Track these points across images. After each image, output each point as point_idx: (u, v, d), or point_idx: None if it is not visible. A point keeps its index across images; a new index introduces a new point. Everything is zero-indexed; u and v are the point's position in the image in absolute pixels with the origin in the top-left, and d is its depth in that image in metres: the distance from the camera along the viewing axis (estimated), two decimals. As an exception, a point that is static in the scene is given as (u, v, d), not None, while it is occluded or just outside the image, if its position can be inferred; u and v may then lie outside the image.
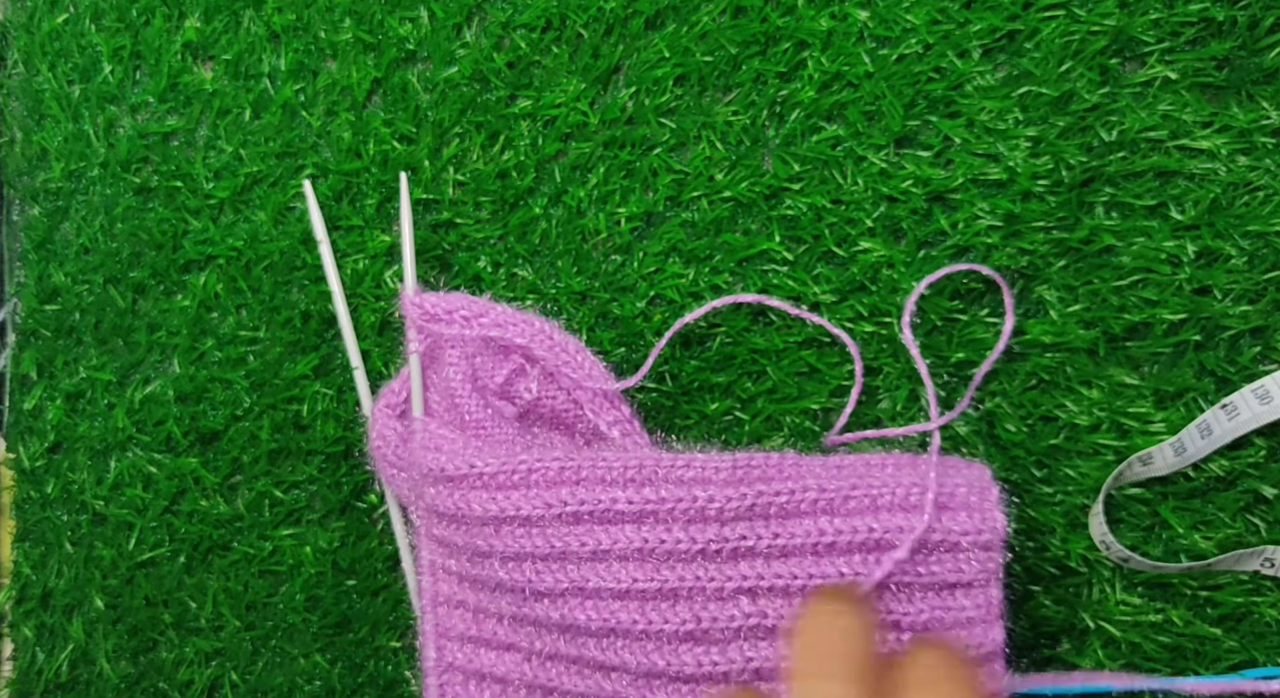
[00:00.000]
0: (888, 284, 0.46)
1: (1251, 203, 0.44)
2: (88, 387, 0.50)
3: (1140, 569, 0.44)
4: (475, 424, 0.45)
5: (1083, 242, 0.45)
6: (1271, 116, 0.44)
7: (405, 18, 0.48)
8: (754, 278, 0.46)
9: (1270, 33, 0.44)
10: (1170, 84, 0.45)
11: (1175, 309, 0.44)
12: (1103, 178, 0.45)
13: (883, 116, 0.46)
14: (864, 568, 0.41)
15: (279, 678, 0.49)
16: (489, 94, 0.48)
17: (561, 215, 0.47)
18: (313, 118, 0.48)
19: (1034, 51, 0.45)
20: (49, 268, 0.50)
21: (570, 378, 0.45)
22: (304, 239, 0.49)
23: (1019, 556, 0.45)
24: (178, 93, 0.49)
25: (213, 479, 0.49)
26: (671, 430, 0.47)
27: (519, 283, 0.48)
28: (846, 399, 0.46)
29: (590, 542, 0.41)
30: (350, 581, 0.49)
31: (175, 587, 0.49)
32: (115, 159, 0.49)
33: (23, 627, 0.50)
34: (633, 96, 0.47)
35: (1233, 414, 0.42)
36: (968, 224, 0.45)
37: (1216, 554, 0.44)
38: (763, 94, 0.46)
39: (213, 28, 0.49)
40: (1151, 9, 0.45)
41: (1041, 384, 0.45)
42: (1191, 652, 0.45)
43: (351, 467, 0.49)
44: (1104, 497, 0.45)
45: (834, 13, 0.46)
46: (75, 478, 0.50)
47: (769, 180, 0.46)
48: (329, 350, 0.49)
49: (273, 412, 0.49)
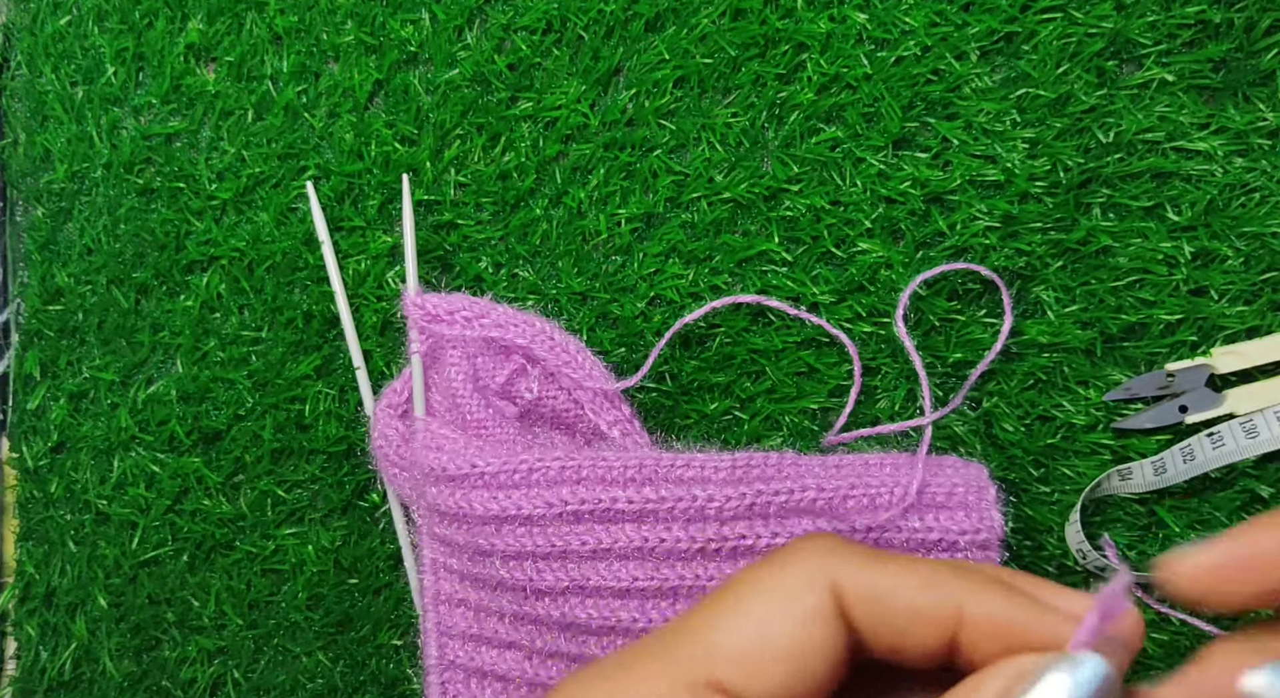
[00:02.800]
0: (886, 285, 0.46)
1: (1248, 204, 0.44)
2: (91, 387, 0.50)
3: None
4: (476, 424, 0.45)
5: (1080, 242, 0.45)
6: (1268, 118, 0.44)
7: (407, 20, 0.48)
8: (753, 278, 0.47)
9: (1267, 35, 0.44)
10: (1167, 86, 0.45)
11: (1172, 310, 0.45)
12: (1100, 179, 0.45)
13: (881, 118, 0.46)
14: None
15: (281, 676, 0.49)
16: (490, 96, 0.48)
17: (562, 216, 0.48)
18: (315, 119, 0.49)
19: (1031, 54, 0.45)
20: (52, 268, 0.50)
21: (571, 378, 0.45)
22: (306, 240, 0.49)
23: (1016, 554, 0.45)
24: (181, 94, 0.49)
25: (215, 479, 0.49)
26: (671, 430, 0.47)
27: (520, 284, 0.48)
28: (845, 399, 0.46)
29: (591, 541, 0.41)
30: (352, 579, 0.49)
31: (178, 586, 0.50)
32: (118, 160, 0.50)
33: (26, 625, 0.50)
34: (633, 98, 0.47)
35: (1218, 444, 0.43)
36: (965, 225, 0.46)
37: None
38: (762, 96, 0.47)
39: (215, 30, 0.49)
40: (1148, 11, 0.45)
41: (1039, 384, 0.46)
42: (1189, 650, 0.45)
43: (354, 466, 0.49)
44: (1080, 506, 0.45)
45: (833, 15, 0.46)
46: (78, 477, 0.50)
47: (768, 182, 0.47)
48: (331, 351, 0.49)
49: (275, 411, 0.49)
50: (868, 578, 0.21)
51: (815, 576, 0.21)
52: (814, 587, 0.21)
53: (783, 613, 0.21)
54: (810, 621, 0.21)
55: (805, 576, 0.21)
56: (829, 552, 0.22)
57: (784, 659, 0.21)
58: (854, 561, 0.22)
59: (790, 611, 0.21)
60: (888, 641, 0.22)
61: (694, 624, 0.22)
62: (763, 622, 0.21)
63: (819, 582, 0.21)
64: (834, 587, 0.21)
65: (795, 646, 0.21)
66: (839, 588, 0.21)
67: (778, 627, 0.21)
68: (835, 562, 0.22)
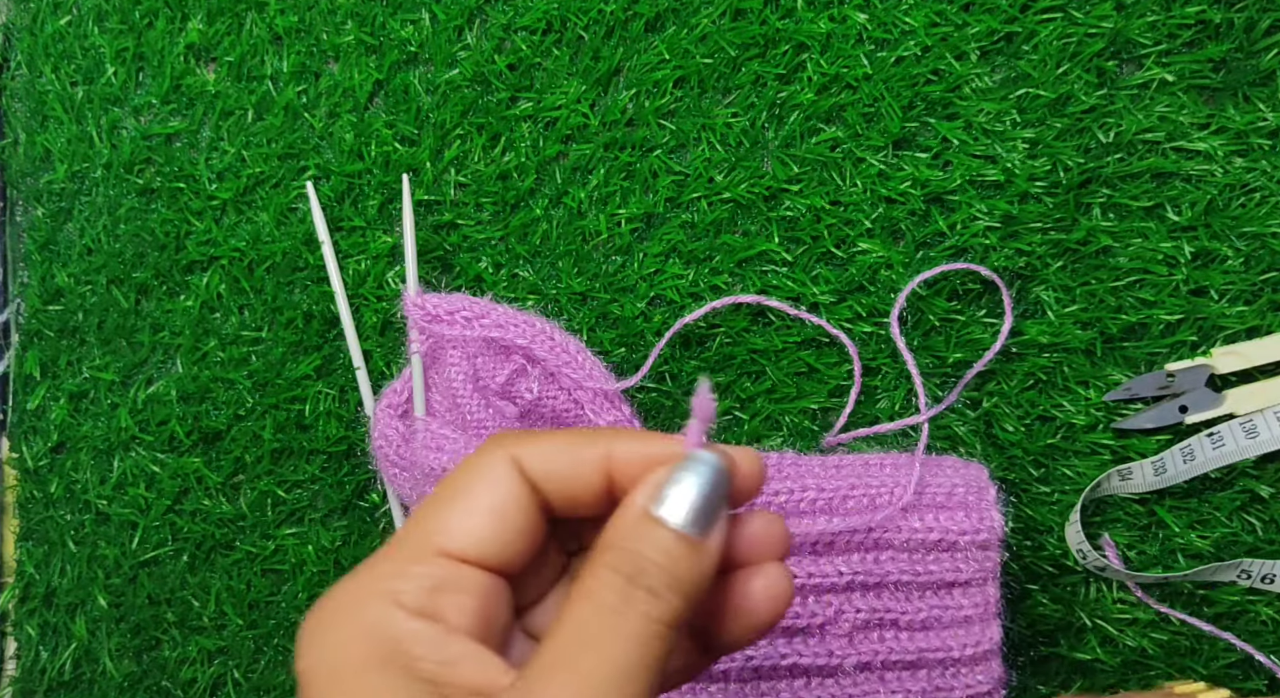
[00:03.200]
0: (886, 285, 0.46)
1: (1248, 204, 0.44)
2: (91, 387, 0.50)
3: (1116, 579, 0.44)
4: (477, 424, 0.45)
5: (1080, 242, 0.45)
6: (1268, 118, 0.44)
7: (407, 20, 0.48)
8: (753, 279, 0.47)
9: (1266, 35, 0.44)
10: (1167, 86, 0.45)
11: (1172, 310, 0.45)
12: (1100, 179, 0.45)
13: (881, 118, 0.46)
14: (863, 567, 0.41)
15: (281, 676, 0.49)
16: (490, 96, 0.48)
17: (562, 217, 0.48)
18: (315, 120, 0.49)
19: (1031, 54, 0.45)
20: (52, 269, 0.50)
21: (571, 378, 0.45)
22: (306, 240, 0.49)
23: (1016, 554, 0.45)
24: (181, 94, 0.49)
25: (215, 479, 0.49)
26: (671, 430, 0.47)
27: (520, 284, 0.48)
28: (845, 399, 0.46)
29: (591, 541, 0.41)
30: (352, 579, 0.49)
31: (178, 586, 0.50)
32: (118, 160, 0.50)
33: (26, 625, 0.50)
34: (633, 98, 0.47)
35: (1218, 444, 0.43)
36: (965, 225, 0.46)
37: (1213, 553, 0.44)
38: (762, 96, 0.47)
39: (215, 30, 0.49)
40: (1148, 11, 0.45)
41: (1039, 384, 0.46)
42: (1188, 650, 0.45)
43: (354, 466, 0.49)
44: (1080, 506, 0.45)
45: (833, 15, 0.46)
46: (78, 477, 0.50)
47: (768, 182, 0.47)
48: (331, 351, 0.49)
49: (275, 411, 0.49)
50: (538, 447, 0.27)
51: (500, 455, 0.27)
52: (501, 462, 0.27)
53: (483, 488, 0.27)
54: (501, 485, 0.27)
55: (495, 460, 0.27)
56: (508, 441, 0.28)
57: (491, 519, 0.26)
58: (525, 440, 0.28)
59: (489, 486, 0.27)
60: (563, 491, 0.27)
61: (421, 515, 0.27)
62: (470, 497, 0.27)
63: (503, 459, 0.27)
64: (514, 460, 0.27)
65: (497, 505, 0.26)
66: (519, 460, 0.27)
67: (482, 499, 0.27)
68: (511, 442, 0.27)
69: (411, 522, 0.27)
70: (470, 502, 0.27)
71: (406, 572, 0.26)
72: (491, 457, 0.27)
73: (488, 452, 0.28)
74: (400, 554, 0.26)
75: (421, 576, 0.26)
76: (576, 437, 0.28)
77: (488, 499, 0.27)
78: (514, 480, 0.27)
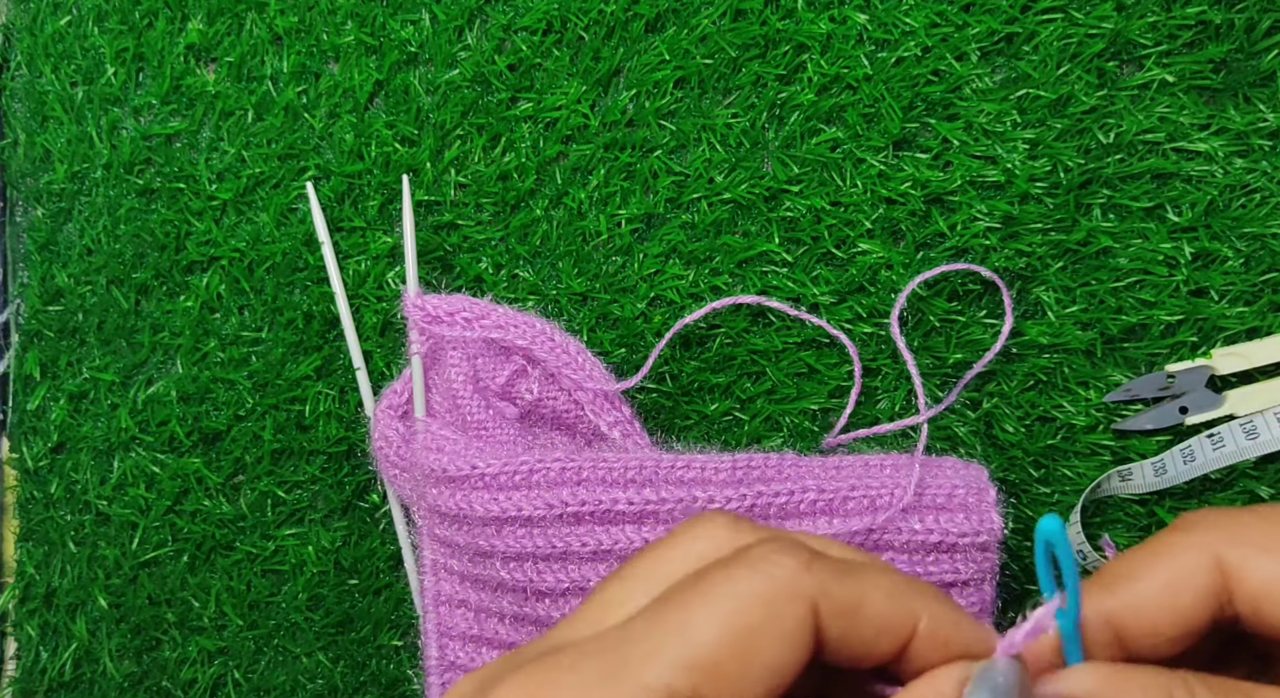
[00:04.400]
0: (886, 286, 0.46)
1: (1248, 205, 0.44)
2: (91, 387, 0.50)
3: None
4: (477, 425, 0.45)
5: (1080, 243, 0.45)
6: (1268, 119, 0.44)
7: (407, 20, 0.48)
8: (753, 279, 0.47)
9: (1267, 35, 0.44)
10: (1167, 87, 0.45)
11: (1172, 311, 0.45)
12: (1100, 180, 0.45)
13: (881, 119, 0.46)
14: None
15: (281, 677, 0.49)
16: (490, 96, 0.48)
17: (562, 217, 0.48)
18: (315, 120, 0.49)
19: (1032, 54, 0.45)
20: (52, 269, 0.50)
21: (571, 379, 0.45)
22: (306, 241, 0.49)
23: (1016, 555, 0.45)
24: (180, 95, 0.49)
25: (215, 479, 0.49)
26: (671, 431, 0.47)
27: (520, 284, 0.48)
28: (845, 400, 0.46)
29: (591, 542, 0.41)
30: (352, 580, 0.49)
31: (178, 586, 0.50)
32: (118, 161, 0.50)
33: (26, 626, 0.50)
34: (633, 99, 0.47)
35: (1218, 445, 0.43)
36: (966, 226, 0.46)
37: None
38: (762, 96, 0.47)
39: (215, 30, 0.49)
40: (1149, 12, 0.45)
41: (1039, 385, 0.46)
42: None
43: (354, 467, 0.49)
44: (1080, 507, 0.45)
45: (833, 16, 0.46)
46: (78, 478, 0.50)
47: (768, 182, 0.47)
48: (331, 351, 0.49)
49: (275, 412, 0.49)
50: (845, 590, 0.22)
51: (796, 589, 0.21)
52: (796, 600, 0.21)
53: (768, 626, 0.21)
54: (792, 636, 0.21)
55: (787, 589, 0.21)
56: (806, 566, 0.22)
57: (766, 676, 0.21)
58: (830, 571, 0.22)
59: (774, 625, 0.21)
60: (851, 650, 0.22)
61: (648, 626, 0.21)
62: (742, 634, 0.21)
63: (801, 595, 0.21)
64: (812, 601, 0.21)
65: (776, 660, 0.21)
66: (816, 602, 0.21)
67: (765, 643, 0.21)
68: (815, 575, 0.22)
69: (649, 626, 0.21)
70: (749, 644, 0.21)
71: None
72: (787, 589, 0.21)
73: (779, 573, 0.21)
74: (621, 675, 0.21)
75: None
76: (883, 587, 0.23)
77: (772, 652, 0.21)
78: (808, 632, 0.21)
